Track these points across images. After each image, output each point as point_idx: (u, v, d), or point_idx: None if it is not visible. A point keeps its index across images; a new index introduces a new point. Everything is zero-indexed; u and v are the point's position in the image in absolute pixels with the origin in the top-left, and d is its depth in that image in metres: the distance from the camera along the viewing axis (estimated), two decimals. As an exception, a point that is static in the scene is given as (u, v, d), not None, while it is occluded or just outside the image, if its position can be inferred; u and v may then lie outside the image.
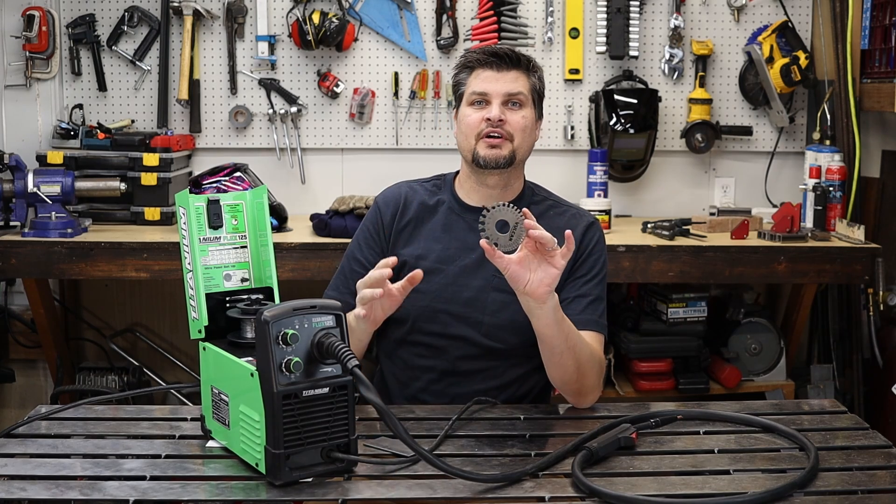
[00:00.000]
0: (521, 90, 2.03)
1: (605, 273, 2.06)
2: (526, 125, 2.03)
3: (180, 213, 1.65)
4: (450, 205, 2.10)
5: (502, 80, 2.02)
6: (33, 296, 3.23)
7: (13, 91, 3.54)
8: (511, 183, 2.07)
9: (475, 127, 2.02)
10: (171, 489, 1.49)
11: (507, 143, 2.01)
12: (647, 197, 3.68)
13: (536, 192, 2.13)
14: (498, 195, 2.06)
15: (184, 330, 2.05)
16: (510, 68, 2.03)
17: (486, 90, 2.02)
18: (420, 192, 2.13)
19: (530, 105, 2.05)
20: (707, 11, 3.59)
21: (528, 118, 2.04)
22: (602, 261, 2.05)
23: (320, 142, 3.61)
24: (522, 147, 2.04)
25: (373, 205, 2.16)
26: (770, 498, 1.44)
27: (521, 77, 2.04)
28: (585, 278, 2.02)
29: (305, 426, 1.48)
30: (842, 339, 3.58)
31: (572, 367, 1.86)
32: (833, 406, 1.94)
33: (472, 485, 1.49)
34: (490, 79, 2.03)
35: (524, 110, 2.03)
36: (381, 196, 2.16)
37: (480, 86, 2.03)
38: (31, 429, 1.74)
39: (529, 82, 2.05)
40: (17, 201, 3.14)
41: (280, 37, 3.54)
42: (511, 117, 2.02)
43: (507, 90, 2.02)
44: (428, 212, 2.10)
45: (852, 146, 3.41)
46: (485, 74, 2.04)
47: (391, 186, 2.18)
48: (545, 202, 2.11)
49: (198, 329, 1.64)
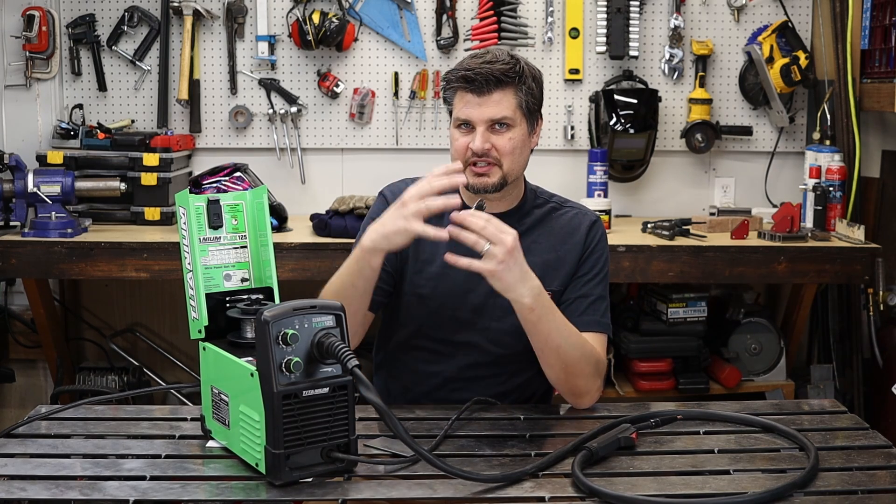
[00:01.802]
0: (506, 113, 1.91)
1: (607, 271, 2.03)
2: (514, 147, 1.94)
3: (180, 213, 1.65)
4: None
5: (485, 105, 1.91)
6: (33, 296, 3.23)
7: (13, 91, 3.54)
8: (508, 193, 2.02)
9: (462, 153, 1.95)
10: (171, 489, 1.49)
11: (495, 170, 1.93)
12: (647, 197, 3.68)
13: (539, 196, 2.09)
14: (496, 205, 2.00)
15: (184, 330, 2.05)
16: (492, 90, 1.91)
17: (468, 117, 1.92)
18: None
19: (519, 122, 1.94)
20: (707, 11, 3.59)
21: (516, 139, 1.94)
22: (604, 259, 2.03)
23: (320, 142, 3.61)
24: (514, 168, 1.96)
25: (379, 197, 2.08)
26: (770, 498, 1.44)
27: (506, 97, 1.92)
28: (587, 277, 2.00)
29: (305, 426, 1.48)
30: (842, 339, 3.58)
31: (558, 367, 1.85)
32: (833, 406, 1.94)
33: (472, 485, 1.49)
34: (472, 104, 1.92)
35: (511, 132, 1.93)
36: (389, 189, 2.08)
37: (463, 112, 1.93)
38: (31, 429, 1.74)
39: (516, 99, 1.93)
40: (17, 201, 3.15)
41: (280, 37, 3.54)
42: (497, 141, 1.92)
43: (490, 115, 1.91)
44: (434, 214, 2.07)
45: (852, 146, 3.41)
46: (467, 98, 1.93)
47: (397, 181, 2.10)
48: (547, 205, 2.07)
49: (198, 329, 1.64)
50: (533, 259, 1.87)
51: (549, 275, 1.94)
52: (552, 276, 1.96)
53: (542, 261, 1.97)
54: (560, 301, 1.95)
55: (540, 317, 1.80)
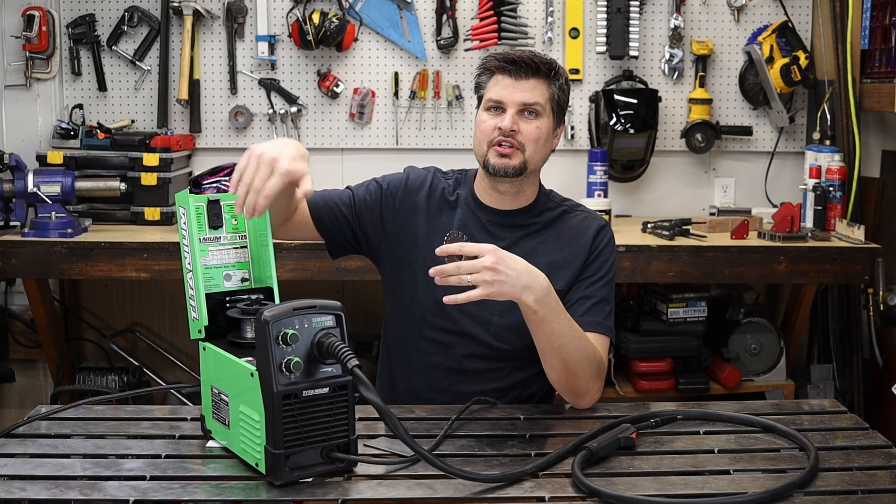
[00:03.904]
0: (538, 100, 1.98)
1: (612, 275, 2.05)
2: (539, 136, 1.99)
3: (180, 213, 1.65)
4: (467, 201, 2.08)
5: (519, 89, 1.98)
6: (33, 296, 3.23)
7: (13, 91, 3.54)
8: (524, 189, 2.05)
9: (488, 134, 1.99)
10: (171, 489, 1.48)
11: (517, 153, 1.98)
12: (647, 197, 3.68)
13: (551, 199, 2.12)
14: (510, 200, 2.05)
15: (184, 330, 2.05)
16: (529, 76, 1.98)
17: (501, 98, 1.99)
18: (442, 184, 2.11)
19: (548, 115, 2.01)
20: (707, 11, 3.59)
21: (542, 129, 1.99)
22: (610, 263, 2.05)
23: (320, 142, 3.61)
24: (535, 157, 2.00)
25: (402, 173, 2.13)
26: (770, 498, 1.44)
27: (541, 86, 1.99)
28: (591, 279, 2.01)
29: (305, 426, 1.48)
30: (842, 339, 3.58)
31: (559, 367, 1.86)
32: (833, 406, 1.94)
33: (472, 485, 1.49)
34: (507, 86, 1.98)
35: (539, 120, 1.99)
36: (413, 169, 2.14)
37: (497, 93, 1.99)
38: (31, 429, 1.74)
39: (549, 91, 2.00)
40: (17, 201, 3.15)
41: (280, 37, 3.54)
42: (524, 127, 1.98)
43: (523, 100, 1.98)
44: (448, 206, 2.08)
45: (852, 146, 3.41)
46: (504, 81, 1.99)
47: (420, 169, 2.15)
48: (559, 208, 2.10)
49: (198, 329, 1.64)
50: (539, 259, 1.90)
51: (554, 275, 1.95)
52: (557, 276, 1.97)
53: (547, 261, 1.98)
54: (563, 301, 1.96)
55: (544, 317, 1.81)
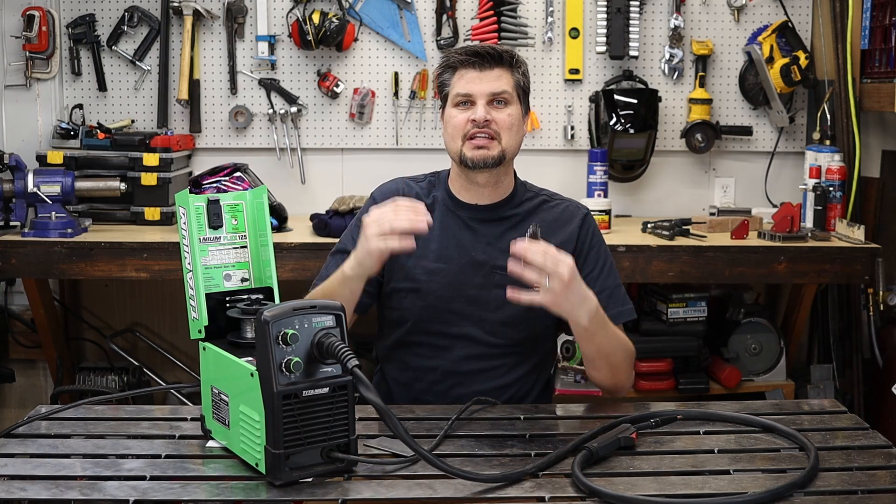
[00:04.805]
0: (506, 88, 2.01)
1: (611, 259, 2.10)
2: (512, 123, 2.02)
3: (180, 213, 1.65)
4: (444, 202, 2.09)
5: (486, 80, 2.00)
6: (33, 296, 3.23)
7: (13, 91, 3.54)
8: (501, 180, 2.07)
9: (461, 128, 2.01)
10: (171, 489, 1.49)
11: (494, 143, 2.00)
12: (647, 197, 3.68)
13: (529, 189, 2.14)
14: (489, 193, 2.06)
15: (184, 330, 2.05)
16: (493, 66, 2.01)
17: (469, 91, 2.01)
18: (415, 190, 2.12)
19: (516, 101, 2.03)
20: (707, 11, 3.59)
21: (514, 115, 2.02)
22: (604, 249, 2.09)
23: (320, 142, 3.61)
24: (511, 145, 2.03)
25: (369, 199, 2.14)
26: (770, 498, 1.44)
27: (505, 74, 2.02)
28: (596, 273, 2.05)
29: (305, 426, 1.48)
30: (842, 339, 3.58)
31: (605, 370, 1.97)
32: (833, 406, 1.94)
33: (472, 485, 1.49)
34: (473, 79, 2.01)
35: (509, 108, 2.02)
36: (378, 191, 2.15)
37: (464, 87, 2.01)
38: (31, 429, 1.74)
39: (513, 78, 2.03)
40: (17, 201, 3.15)
41: (280, 37, 3.54)
42: (497, 116, 2.00)
43: (491, 89, 2.00)
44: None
45: (852, 146, 3.41)
46: (468, 75, 2.02)
47: (387, 182, 2.17)
48: (537, 198, 2.12)
49: (198, 329, 1.64)
50: None
51: None
52: None
53: None
54: None
55: (594, 332, 1.88)
